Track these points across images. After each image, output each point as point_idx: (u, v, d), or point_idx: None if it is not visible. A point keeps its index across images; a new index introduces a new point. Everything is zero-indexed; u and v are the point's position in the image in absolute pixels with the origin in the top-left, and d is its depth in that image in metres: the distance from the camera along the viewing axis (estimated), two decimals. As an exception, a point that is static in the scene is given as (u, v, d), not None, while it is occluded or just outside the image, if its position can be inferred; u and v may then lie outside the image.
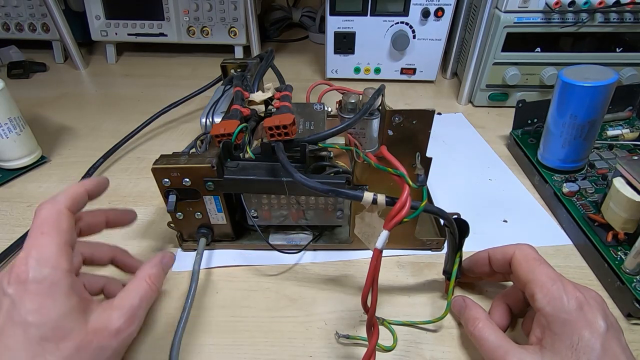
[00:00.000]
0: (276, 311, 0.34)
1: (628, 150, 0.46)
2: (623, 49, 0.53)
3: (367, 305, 0.26)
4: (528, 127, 0.50)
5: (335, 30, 0.64)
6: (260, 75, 0.49)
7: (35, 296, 0.22)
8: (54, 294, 0.23)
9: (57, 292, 0.23)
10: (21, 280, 0.22)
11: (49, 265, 0.23)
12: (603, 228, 0.36)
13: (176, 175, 0.33)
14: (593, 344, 0.23)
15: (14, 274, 0.23)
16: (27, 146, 0.49)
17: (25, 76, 0.72)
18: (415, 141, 0.31)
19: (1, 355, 0.21)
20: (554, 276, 0.26)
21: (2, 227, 0.42)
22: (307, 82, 0.53)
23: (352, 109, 0.38)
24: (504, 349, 0.26)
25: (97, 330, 0.24)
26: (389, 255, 0.38)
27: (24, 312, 0.22)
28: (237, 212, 0.38)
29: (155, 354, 0.31)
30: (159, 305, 0.34)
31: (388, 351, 0.31)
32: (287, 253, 0.38)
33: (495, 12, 0.53)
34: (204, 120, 0.44)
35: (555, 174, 0.44)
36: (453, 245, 0.31)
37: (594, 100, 0.38)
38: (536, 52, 0.54)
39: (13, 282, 0.22)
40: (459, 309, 0.31)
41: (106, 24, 0.74)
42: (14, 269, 0.23)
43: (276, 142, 0.32)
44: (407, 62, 0.67)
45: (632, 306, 0.31)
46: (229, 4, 0.70)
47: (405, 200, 0.24)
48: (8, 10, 0.74)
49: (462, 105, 0.62)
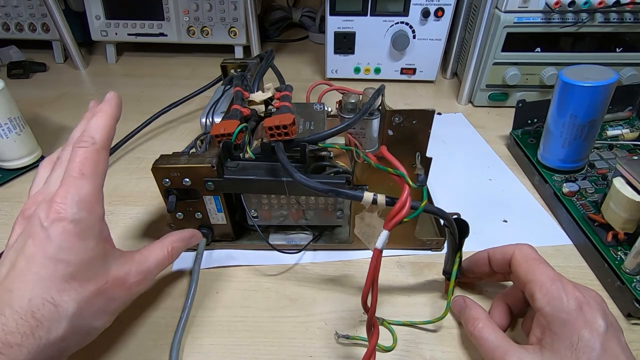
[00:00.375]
0: (276, 311, 0.34)
1: (628, 150, 0.46)
2: (623, 49, 0.53)
3: (367, 305, 0.26)
4: (528, 127, 0.50)
5: (335, 30, 0.64)
6: (260, 75, 0.49)
7: (70, 236, 0.23)
8: (87, 237, 0.24)
9: (89, 236, 0.24)
10: (60, 217, 0.23)
11: (86, 208, 0.24)
12: (603, 228, 0.36)
13: (176, 175, 0.33)
14: (593, 343, 0.23)
15: (54, 210, 0.23)
16: (27, 146, 0.49)
17: (25, 76, 0.72)
18: (415, 141, 0.31)
19: (33, 283, 0.22)
20: (553, 276, 0.26)
21: (2, 227, 0.42)
22: (307, 82, 0.53)
23: (352, 109, 0.38)
24: (503, 348, 0.26)
25: (115, 280, 0.26)
26: (389, 255, 0.38)
27: (57, 248, 0.23)
28: (237, 212, 0.38)
29: (155, 354, 0.31)
30: (159, 305, 0.34)
31: (388, 351, 0.31)
32: (287, 253, 0.38)
33: (495, 12, 0.53)
34: (204, 120, 0.44)
35: (555, 174, 0.44)
36: (453, 246, 0.31)
37: (594, 100, 0.38)
38: (536, 52, 0.54)
39: (52, 218, 0.23)
40: (459, 309, 0.32)
41: (106, 24, 0.74)
42: (53, 204, 0.23)
43: (276, 142, 0.32)
44: (407, 62, 0.67)
45: (632, 306, 0.31)
46: (229, 4, 0.70)
47: (405, 200, 0.24)
48: (8, 10, 0.74)
49: (462, 105, 0.62)
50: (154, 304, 0.34)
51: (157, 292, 0.35)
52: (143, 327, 0.33)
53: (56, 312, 0.23)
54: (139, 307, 0.34)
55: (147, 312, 0.34)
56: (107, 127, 0.27)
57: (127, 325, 0.33)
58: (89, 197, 0.24)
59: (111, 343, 0.31)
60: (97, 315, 0.25)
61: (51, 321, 0.22)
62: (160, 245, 0.30)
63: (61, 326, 0.23)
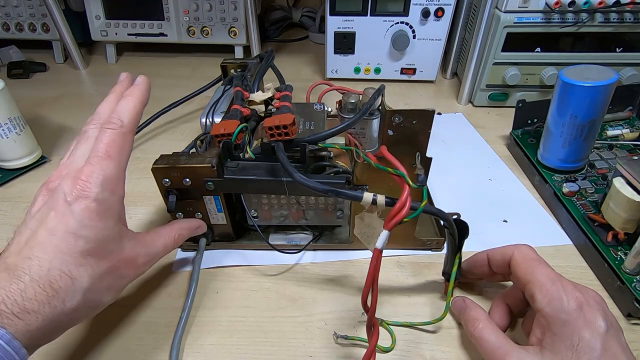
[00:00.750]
0: (276, 311, 0.34)
1: (628, 150, 0.46)
2: (623, 49, 0.53)
3: (367, 305, 0.26)
4: (528, 127, 0.50)
5: (335, 30, 0.64)
6: (260, 75, 0.49)
7: (92, 214, 0.24)
8: (107, 217, 0.25)
9: (109, 216, 0.25)
10: (85, 195, 0.24)
11: (109, 189, 0.25)
12: (603, 228, 0.36)
13: (176, 175, 0.33)
14: (593, 344, 0.23)
15: (79, 187, 0.24)
16: (27, 146, 0.49)
17: (25, 76, 0.72)
18: (415, 141, 0.31)
19: (52, 254, 0.23)
20: (553, 276, 0.26)
21: (2, 227, 0.42)
22: (307, 82, 0.53)
23: (352, 109, 0.38)
24: (504, 349, 0.26)
25: (127, 259, 0.27)
26: (389, 255, 0.38)
27: (79, 224, 0.24)
28: (237, 212, 0.38)
29: (155, 354, 0.31)
30: (159, 305, 0.34)
31: (386, 352, 0.31)
32: (287, 253, 0.38)
33: (495, 12, 0.53)
34: (204, 120, 0.44)
35: (555, 174, 0.44)
36: (452, 247, 0.31)
37: (594, 100, 0.38)
38: (536, 52, 0.54)
39: (76, 195, 0.24)
40: (458, 310, 0.31)
41: (106, 24, 0.74)
42: (78, 180, 0.24)
43: (276, 142, 0.32)
44: (407, 62, 0.67)
45: (632, 306, 0.31)
46: (229, 4, 0.70)
47: (405, 200, 0.24)
48: (8, 10, 0.74)
49: (462, 105, 0.62)
50: (154, 304, 0.34)
51: (157, 292, 0.35)
52: (143, 327, 0.33)
53: (72, 285, 0.24)
54: (139, 307, 0.34)
55: (147, 312, 0.34)
56: (135, 111, 0.28)
57: (128, 325, 0.33)
58: (113, 178, 0.26)
59: (111, 343, 0.31)
60: (107, 291, 0.26)
61: (67, 292, 0.23)
62: (168, 230, 0.32)
63: (75, 298, 0.24)
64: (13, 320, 0.21)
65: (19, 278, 0.22)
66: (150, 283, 0.36)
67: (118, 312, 0.33)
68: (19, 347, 0.21)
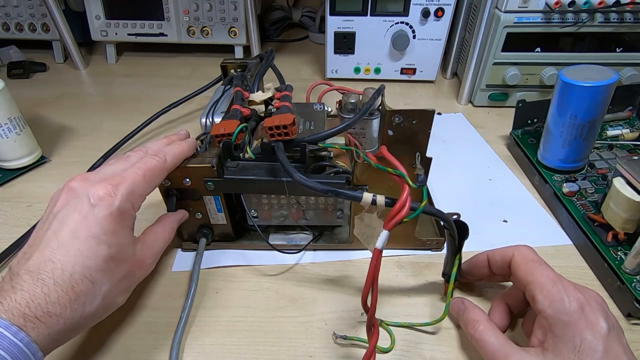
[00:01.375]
0: (276, 311, 0.34)
1: (628, 150, 0.46)
2: (623, 49, 0.53)
3: (367, 305, 0.26)
4: (528, 127, 0.50)
5: (335, 30, 0.64)
6: (260, 75, 0.49)
7: (114, 221, 0.26)
8: (126, 225, 0.27)
9: (127, 225, 0.27)
10: (109, 203, 0.26)
11: (132, 202, 0.27)
12: (603, 228, 0.36)
13: (176, 175, 0.33)
14: (595, 345, 0.23)
15: (106, 194, 0.26)
16: (27, 146, 0.49)
17: (25, 76, 0.72)
18: (415, 141, 0.31)
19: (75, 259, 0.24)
20: (553, 277, 0.26)
21: (2, 227, 0.42)
22: (307, 82, 0.53)
23: (352, 109, 0.38)
24: (505, 351, 0.26)
25: (138, 261, 0.29)
26: (389, 255, 0.38)
27: (102, 230, 0.25)
28: (237, 212, 0.38)
29: (155, 353, 0.31)
30: (159, 305, 0.34)
31: (386, 352, 0.30)
32: (287, 253, 0.38)
33: (495, 12, 0.53)
34: (204, 120, 0.44)
35: (555, 174, 0.44)
36: (452, 248, 0.31)
37: (594, 100, 0.38)
38: (536, 52, 0.54)
39: (103, 202, 0.26)
40: (457, 312, 0.31)
41: (106, 24, 0.74)
42: (107, 186, 0.26)
43: (276, 142, 0.32)
44: (407, 62, 0.67)
45: (632, 306, 0.31)
46: (229, 4, 0.70)
47: (405, 201, 0.24)
48: (8, 10, 0.74)
49: (462, 105, 0.62)
50: (154, 304, 0.34)
51: (157, 292, 0.35)
52: (143, 327, 0.33)
53: (92, 289, 0.25)
54: (139, 307, 0.34)
55: (147, 312, 0.34)
56: (180, 157, 0.32)
57: (128, 325, 0.33)
58: (137, 195, 0.28)
59: (111, 343, 0.31)
60: (121, 293, 0.28)
61: (87, 296, 0.24)
62: (163, 227, 0.33)
63: (95, 302, 0.25)
64: (35, 323, 0.22)
65: (43, 282, 0.23)
66: (150, 283, 0.36)
67: (118, 312, 0.33)
68: (36, 350, 0.22)
